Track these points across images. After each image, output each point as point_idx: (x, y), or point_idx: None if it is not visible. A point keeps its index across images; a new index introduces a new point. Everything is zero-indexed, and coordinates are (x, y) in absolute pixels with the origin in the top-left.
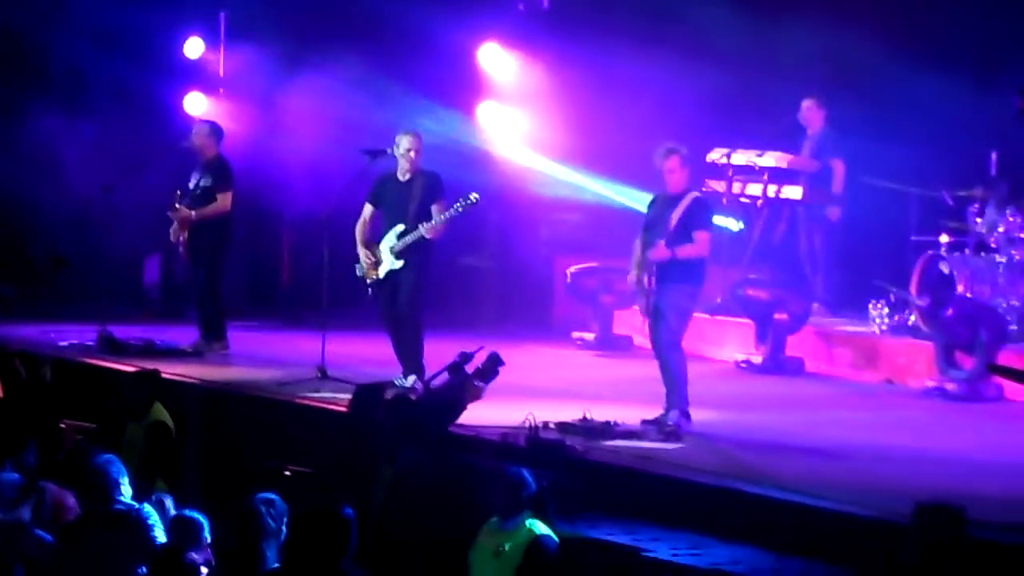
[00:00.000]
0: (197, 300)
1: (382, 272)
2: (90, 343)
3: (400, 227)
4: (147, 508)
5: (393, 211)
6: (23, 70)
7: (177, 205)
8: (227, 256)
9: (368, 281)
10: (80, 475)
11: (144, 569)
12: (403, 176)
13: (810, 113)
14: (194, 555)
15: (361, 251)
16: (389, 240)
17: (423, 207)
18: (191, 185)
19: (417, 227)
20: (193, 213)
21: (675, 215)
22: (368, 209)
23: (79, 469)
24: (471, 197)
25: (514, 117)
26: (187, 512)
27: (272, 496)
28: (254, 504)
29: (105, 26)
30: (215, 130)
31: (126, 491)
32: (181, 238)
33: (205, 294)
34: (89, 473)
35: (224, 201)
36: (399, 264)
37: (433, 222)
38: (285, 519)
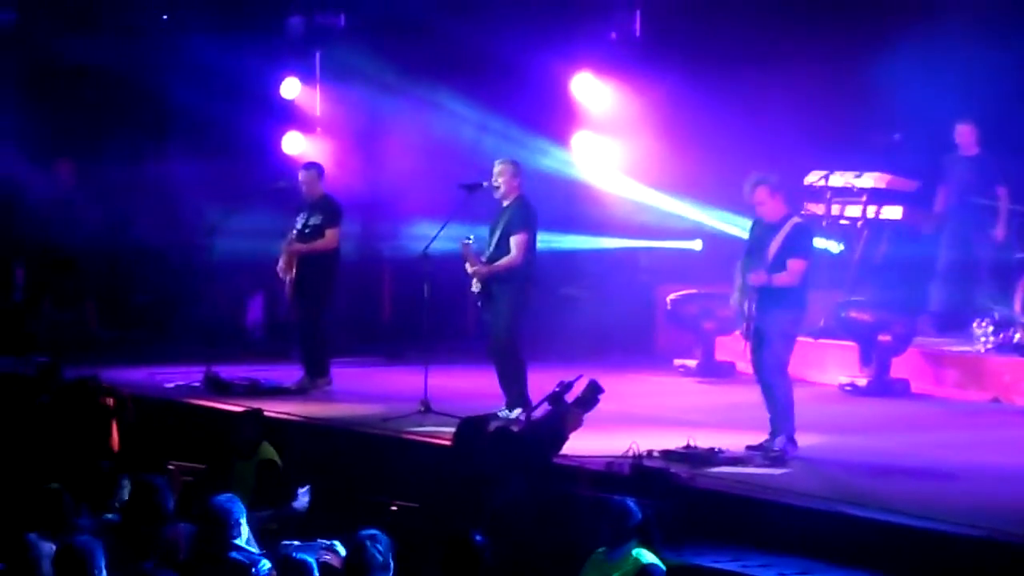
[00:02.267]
0: (301, 337)
1: (474, 288)
2: (196, 384)
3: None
4: (264, 565)
5: (489, 236)
6: (122, 113)
7: (290, 240)
8: (333, 294)
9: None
10: (201, 515)
11: None
12: (504, 203)
13: (967, 136)
14: None
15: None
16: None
17: (503, 236)
18: (299, 225)
19: (493, 256)
20: (302, 247)
21: (775, 242)
22: None
23: (199, 508)
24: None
25: (609, 146)
26: (295, 554)
27: (375, 531)
28: (359, 539)
29: (203, 68)
30: (320, 171)
31: (244, 531)
32: (289, 276)
33: (310, 331)
34: (212, 513)
35: (332, 237)
36: (478, 288)
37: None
38: (391, 553)
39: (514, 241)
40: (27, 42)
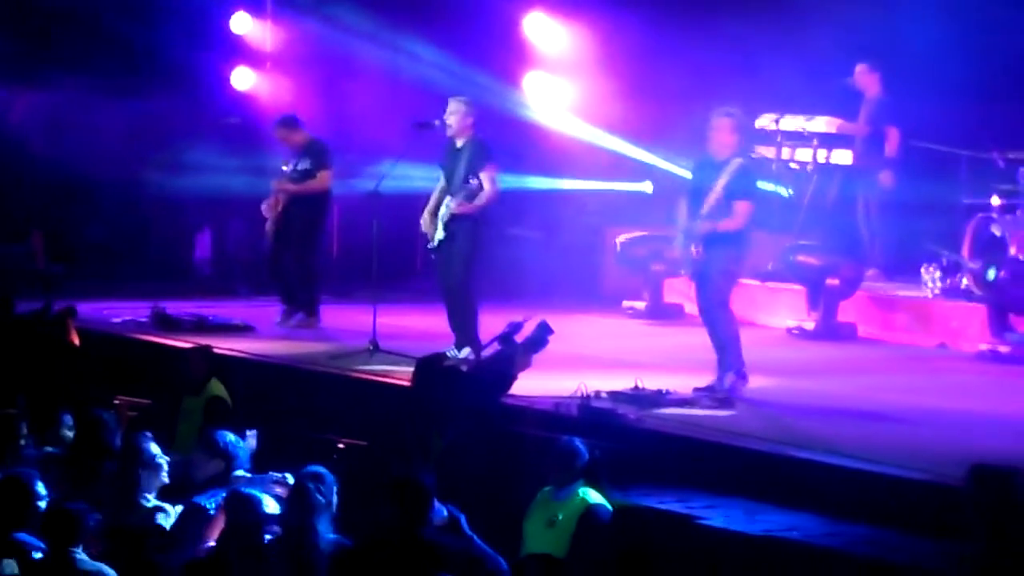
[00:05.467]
0: (282, 275)
1: (434, 241)
2: (143, 320)
3: (449, 198)
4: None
5: (448, 179)
6: (69, 45)
7: (283, 180)
8: (322, 235)
9: (428, 247)
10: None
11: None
12: (457, 143)
13: (864, 78)
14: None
15: (424, 217)
16: (443, 209)
17: (469, 174)
18: (290, 168)
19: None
20: (292, 186)
21: (720, 182)
22: (441, 176)
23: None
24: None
25: (561, 86)
26: (242, 488)
27: (320, 470)
28: (302, 479)
29: (152, 1)
30: (291, 122)
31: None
32: (273, 214)
33: (295, 270)
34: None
35: (324, 179)
36: (442, 235)
37: (457, 200)
38: (335, 491)
39: (486, 176)
40: None
